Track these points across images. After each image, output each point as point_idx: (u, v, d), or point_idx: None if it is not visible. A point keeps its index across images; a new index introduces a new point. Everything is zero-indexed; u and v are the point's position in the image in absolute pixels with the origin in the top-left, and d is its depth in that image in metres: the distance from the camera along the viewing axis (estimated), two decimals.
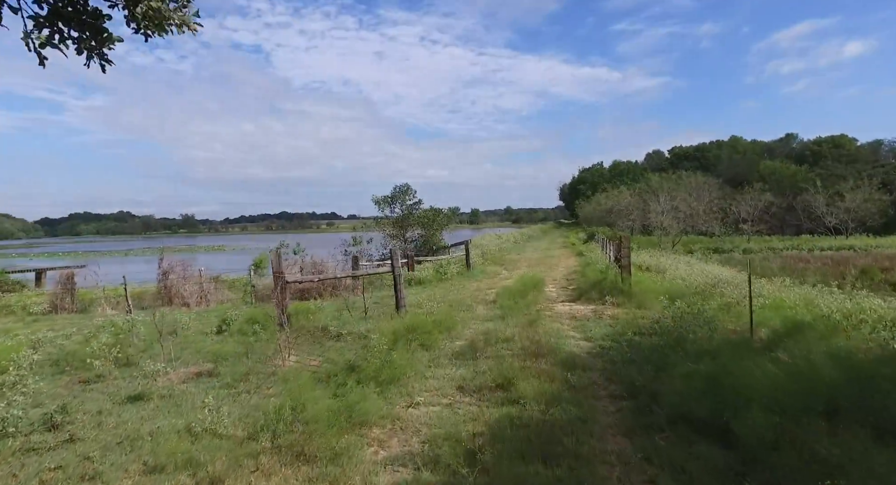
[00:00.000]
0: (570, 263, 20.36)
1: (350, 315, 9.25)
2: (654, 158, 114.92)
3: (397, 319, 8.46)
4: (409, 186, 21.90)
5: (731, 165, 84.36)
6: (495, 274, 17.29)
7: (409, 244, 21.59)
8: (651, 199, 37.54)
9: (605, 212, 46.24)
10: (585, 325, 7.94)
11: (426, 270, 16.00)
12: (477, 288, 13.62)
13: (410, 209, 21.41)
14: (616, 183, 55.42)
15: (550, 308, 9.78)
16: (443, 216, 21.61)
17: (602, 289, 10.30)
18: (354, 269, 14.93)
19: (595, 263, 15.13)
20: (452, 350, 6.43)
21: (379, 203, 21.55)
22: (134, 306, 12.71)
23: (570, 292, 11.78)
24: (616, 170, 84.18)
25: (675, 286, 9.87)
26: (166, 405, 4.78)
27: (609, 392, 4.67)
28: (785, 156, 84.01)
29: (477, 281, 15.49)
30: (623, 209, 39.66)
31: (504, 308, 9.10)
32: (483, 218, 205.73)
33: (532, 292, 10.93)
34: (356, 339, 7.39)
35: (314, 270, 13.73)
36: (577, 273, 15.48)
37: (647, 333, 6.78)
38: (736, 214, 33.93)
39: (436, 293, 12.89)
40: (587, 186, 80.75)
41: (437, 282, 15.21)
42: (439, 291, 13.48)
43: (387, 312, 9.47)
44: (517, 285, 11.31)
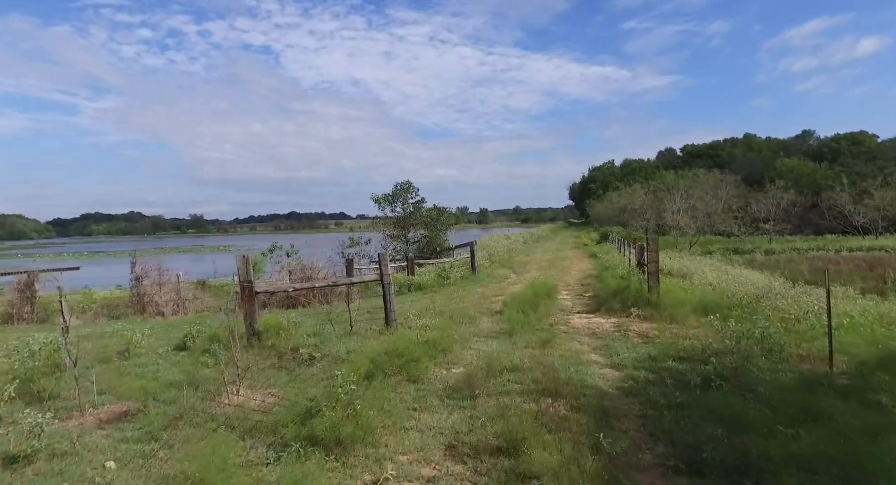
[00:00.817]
0: (584, 265, 18.96)
1: (333, 330, 7.97)
2: (666, 156, 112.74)
3: (385, 337, 7.18)
4: (411, 184, 20.64)
5: (746, 162, 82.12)
6: (503, 278, 15.95)
7: (412, 245, 20.32)
8: (666, 197, 35.96)
9: (617, 211, 44.64)
10: (610, 346, 6.59)
11: (428, 274, 14.72)
12: (482, 294, 12.30)
13: (413, 208, 20.11)
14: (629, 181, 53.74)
15: (566, 321, 8.44)
16: (447, 216, 20.30)
17: (625, 299, 8.93)
18: (349, 273, 13.68)
19: (613, 266, 13.73)
20: (446, 383, 5.12)
21: (379, 202, 20.25)
22: (104, 315, 11.55)
23: (588, 301, 10.41)
24: (628, 168, 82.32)
25: (710, 296, 8.48)
26: (51, 472, 3.52)
27: (659, 460, 3.32)
28: (802, 153, 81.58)
29: (482, 286, 14.16)
30: (637, 208, 38.08)
31: (512, 322, 7.77)
32: (492, 218, 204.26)
33: (544, 301, 9.59)
34: (331, 363, 6.11)
35: (302, 275, 12.50)
36: (593, 278, 14.09)
37: (689, 359, 5.42)
38: (756, 212, 32.23)
39: (436, 301, 11.60)
40: (598, 185, 79.02)
41: (438, 287, 13.92)
42: (440, 298, 12.19)
43: (377, 327, 8.19)
44: (527, 293, 9.98)
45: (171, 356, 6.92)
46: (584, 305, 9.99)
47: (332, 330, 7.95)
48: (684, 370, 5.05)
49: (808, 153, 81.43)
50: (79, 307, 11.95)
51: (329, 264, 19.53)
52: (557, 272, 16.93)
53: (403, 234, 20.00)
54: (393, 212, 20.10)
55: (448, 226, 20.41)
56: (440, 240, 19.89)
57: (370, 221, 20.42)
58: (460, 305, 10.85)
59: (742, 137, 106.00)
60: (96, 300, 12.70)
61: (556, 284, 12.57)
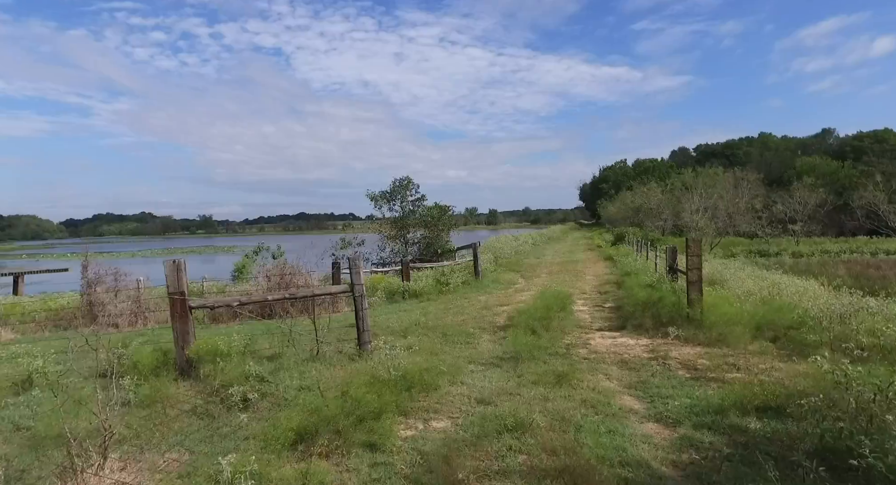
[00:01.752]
0: (600, 269, 17.24)
1: (295, 353, 6.41)
2: (680, 156, 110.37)
3: (356, 366, 5.61)
4: (410, 180, 18.92)
5: (763, 162, 79.64)
6: (509, 284, 14.31)
7: (411, 247, 18.74)
8: (684, 196, 34.07)
9: (632, 211, 42.71)
10: (648, 382, 4.93)
11: (425, 280, 13.13)
12: (485, 304, 10.69)
13: (412, 206, 18.50)
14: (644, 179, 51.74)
15: (585, 342, 6.79)
16: (449, 215, 18.68)
17: (658, 313, 7.26)
18: (335, 278, 12.13)
19: (635, 272, 12.02)
20: (416, 454, 3.49)
21: (375, 199, 18.64)
22: (50, 326, 10.11)
23: (610, 315, 8.75)
24: (641, 167, 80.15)
25: (765, 311, 6.77)
26: None
27: None
28: (822, 152, 78.86)
29: (486, 293, 12.54)
30: (653, 208, 36.17)
31: (518, 344, 6.13)
32: (501, 219, 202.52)
33: (557, 315, 7.95)
34: (271, 408, 4.54)
35: (281, 282, 10.97)
36: (613, 285, 12.40)
37: (777, 412, 3.76)
38: (781, 212, 30.22)
39: (430, 312, 10.01)
40: (610, 185, 76.95)
41: (436, 295, 12.32)
42: (436, 308, 10.60)
43: (351, 347, 6.62)
44: (537, 304, 8.34)
45: (80, 388, 5.39)
46: (606, 320, 8.32)
47: (294, 353, 6.39)
48: (778, 434, 3.39)
49: (829, 152, 78.70)
50: (29, 316, 10.53)
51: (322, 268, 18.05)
52: (570, 277, 15.26)
53: (402, 234, 18.43)
54: (391, 211, 18.58)
55: (450, 226, 18.79)
56: (442, 241, 18.29)
57: (372, 222, 18.89)
58: (458, 317, 9.24)
59: (758, 136, 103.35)
60: (51, 308, 11.27)
61: (570, 293, 10.93)
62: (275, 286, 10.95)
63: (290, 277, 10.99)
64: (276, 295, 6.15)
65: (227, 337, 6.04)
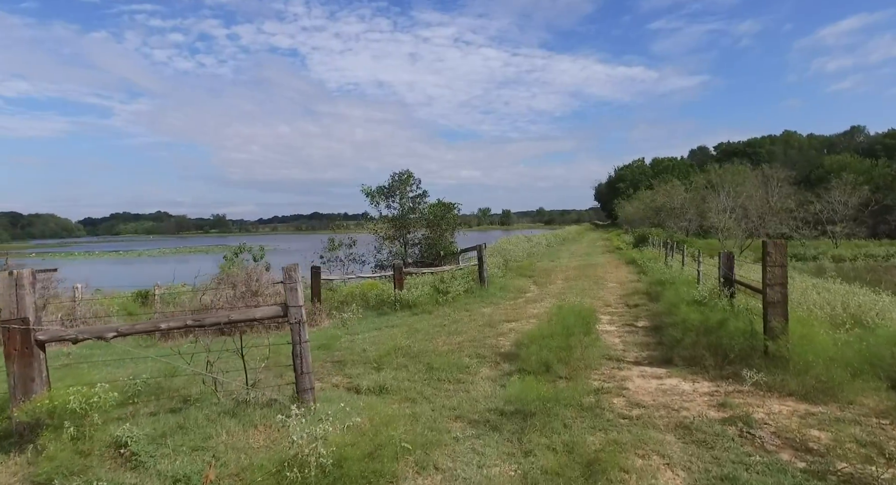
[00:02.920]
0: (623, 275, 15.21)
1: (217, 398, 4.58)
2: (699, 155, 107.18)
3: (277, 434, 3.77)
4: (411, 174, 16.91)
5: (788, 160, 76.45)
6: (520, 292, 12.38)
7: (412, 249, 16.88)
8: (709, 195, 31.75)
9: (652, 211, 40.33)
10: (739, 480, 3.00)
11: (421, 287, 11.26)
12: (489, 320, 8.80)
13: (412, 204, 16.57)
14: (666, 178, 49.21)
15: (621, 385, 4.87)
16: (453, 214, 16.74)
17: (719, 344, 5.29)
18: (314, 288, 10.33)
19: (672, 281, 10.00)
20: None
21: (372, 196, 16.75)
22: None
23: (646, 339, 6.78)
24: (659, 166, 77.38)
25: (875, 343, 4.77)
26: None
27: None
28: (851, 150, 75.29)
29: (492, 304, 10.65)
30: (676, 208, 33.85)
31: (526, 394, 4.22)
32: (514, 219, 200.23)
33: (578, 340, 6.02)
34: None
35: (247, 290, 9.19)
36: (643, 296, 10.40)
37: None
38: (819, 213, 27.73)
39: (420, 330, 8.16)
40: (627, 184, 74.35)
41: (433, 306, 10.45)
42: (429, 324, 8.74)
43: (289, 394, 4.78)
44: (553, 327, 6.42)
45: None
46: (643, 347, 6.37)
47: (217, 400, 4.56)
48: None
49: (858, 150, 75.09)
50: None
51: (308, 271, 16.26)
52: (590, 284, 13.27)
53: (402, 234, 16.57)
54: (389, 208, 16.68)
55: (455, 225, 16.86)
56: (445, 242, 16.40)
57: (367, 221, 17.01)
58: (453, 339, 7.35)
59: (781, 134, 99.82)
60: None
61: (592, 306, 8.97)
62: (240, 295, 9.17)
63: (257, 285, 9.21)
64: (175, 322, 4.31)
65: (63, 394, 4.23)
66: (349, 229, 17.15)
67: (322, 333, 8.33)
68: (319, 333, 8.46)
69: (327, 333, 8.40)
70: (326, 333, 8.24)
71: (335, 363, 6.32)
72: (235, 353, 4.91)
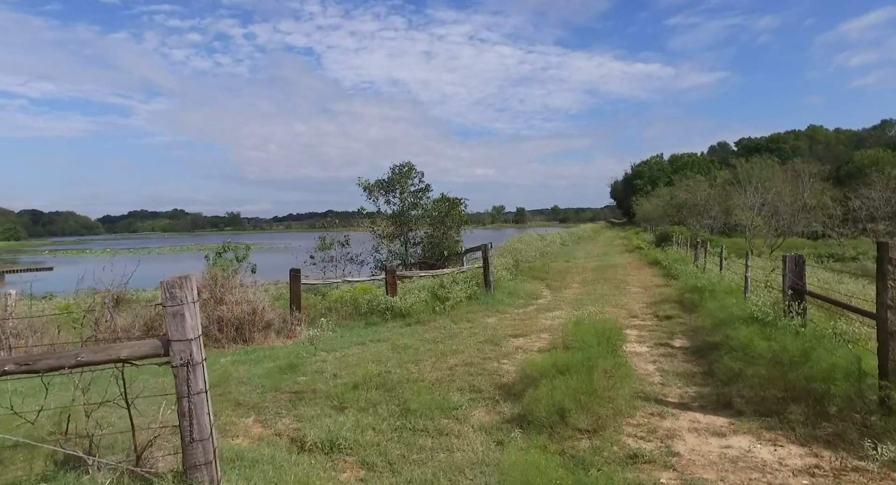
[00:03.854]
0: (647, 278, 13.66)
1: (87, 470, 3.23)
2: (719, 151, 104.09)
3: None
4: (412, 166, 15.32)
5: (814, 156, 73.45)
6: (531, 297, 10.95)
7: (414, 248, 15.50)
8: (735, 191, 29.84)
9: (673, 208, 38.39)
10: None
11: (418, 293, 9.89)
12: (492, 334, 7.39)
13: (413, 199, 15.11)
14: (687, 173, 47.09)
15: (666, 447, 3.43)
16: (459, 210, 15.29)
17: (809, 389, 3.81)
18: (293, 294, 9.01)
19: (712, 288, 8.44)
20: None
21: (369, 190, 15.19)
22: None
23: (688, 365, 5.31)
24: (678, 162, 74.86)
25: None
26: None
27: None
28: (882, 145, 71.95)
29: (497, 313, 9.24)
30: (700, 204, 31.94)
31: (531, 472, 2.81)
32: (529, 217, 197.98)
33: (602, 369, 4.58)
34: None
35: (212, 297, 7.89)
36: (675, 304, 8.89)
37: None
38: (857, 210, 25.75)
39: (408, 348, 6.79)
40: (645, 181, 72.00)
41: (429, 315, 9.07)
42: (420, 339, 7.36)
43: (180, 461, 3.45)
44: (571, 355, 4.97)
45: None
46: (687, 379, 4.90)
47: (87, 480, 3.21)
48: None
49: (890, 145, 71.69)
50: None
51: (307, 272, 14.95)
52: (610, 289, 11.78)
53: (403, 232, 15.20)
54: (389, 204, 15.26)
55: (461, 223, 15.42)
56: (450, 241, 14.99)
57: (362, 217, 15.54)
58: (445, 361, 5.97)
59: (806, 129, 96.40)
60: None
61: (616, 320, 7.50)
62: (207, 301, 7.87)
63: (221, 292, 7.90)
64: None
65: None
66: (351, 227, 15.72)
67: (292, 350, 7.01)
68: (290, 350, 7.16)
69: (300, 349, 7.08)
70: (298, 350, 6.92)
71: (291, 396, 4.97)
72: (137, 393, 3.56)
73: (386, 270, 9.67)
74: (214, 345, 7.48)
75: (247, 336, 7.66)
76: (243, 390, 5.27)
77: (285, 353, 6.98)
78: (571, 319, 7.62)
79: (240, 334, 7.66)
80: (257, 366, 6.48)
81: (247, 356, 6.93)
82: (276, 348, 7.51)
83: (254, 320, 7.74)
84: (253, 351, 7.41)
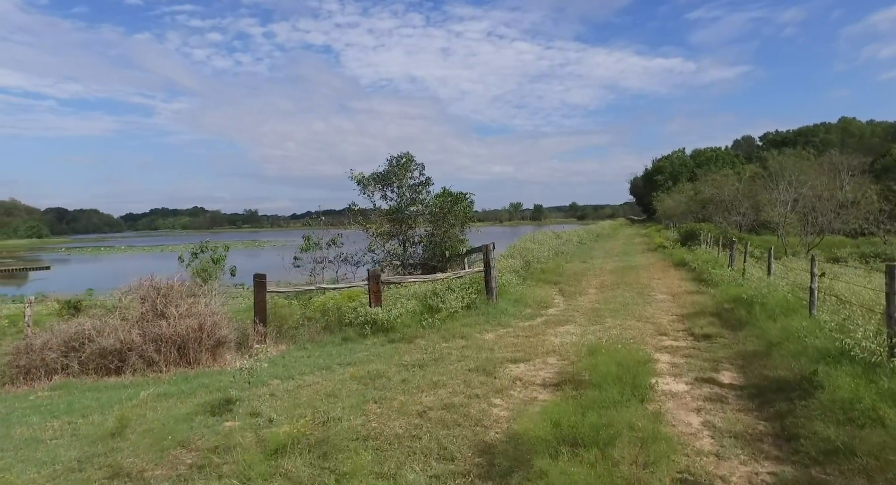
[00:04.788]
0: (674, 282, 12.03)
1: None
2: (744, 145, 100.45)
3: None
4: (411, 158, 13.70)
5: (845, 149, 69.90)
6: (540, 306, 9.45)
7: (414, 247, 14.09)
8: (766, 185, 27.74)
9: (698, 204, 36.26)
10: None
11: (405, 302, 8.47)
12: (486, 359, 5.93)
13: (411, 194, 13.61)
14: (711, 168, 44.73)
15: None
16: (464, 205, 13.76)
17: None
18: (258, 303, 7.67)
19: (762, 301, 6.82)
20: None
21: (363, 184, 13.42)
22: None
23: (745, 417, 3.79)
24: (701, 157, 71.97)
25: None
26: None
27: None
28: None
29: (499, 327, 7.78)
30: (728, 200, 29.86)
31: None
32: (547, 214, 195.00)
33: (628, 438, 3.10)
34: None
35: (153, 309, 6.60)
36: (714, 318, 7.30)
37: None
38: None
39: (380, 377, 5.39)
40: (666, 176, 69.34)
41: (417, 329, 7.66)
42: (397, 364, 5.96)
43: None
44: (583, 382, 3.51)
45: None
46: (752, 446, 3.40)
47: None
48: None
49: None
50: None
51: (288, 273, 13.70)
52: (633, 296, 10.19)
53: (402, 230, 13.80)
54: (385, 199, 13.79)
55: (465, 220, 13.93)
56: (453, 240, 13.54)
57: (354, 212, 14.06)
58: (415, 403, 4.54)
59: (838, 121, 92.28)
60: None
61: (641, 340, 5.99)
62: (142, 315, 6.59)
63: (163, 302, 6.60)
64: None
65: None
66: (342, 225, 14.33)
67: (237, 377, 5.64)
68: (235, 376, 5.79)
69: (247, 375, 5.74)
70: (242, 377, 5.56)
71: (195, 460, 3.62)
72: None
73: (369, 275, 8.28)
74: (150, 370, 6.19)
75: (191, 357, 6.35)
76: (142, 444, 3.94)
77: (223, 381, 5.65)
78: (585, 341, 6.12)
79: (182, 356, 6.36)
80: (185, 401, 5.15)
81: (180, 386, 5.61)
82: (223, 373, 6.19)
83: (200, 338, 6.43)
84: (195, 377, 6.09)
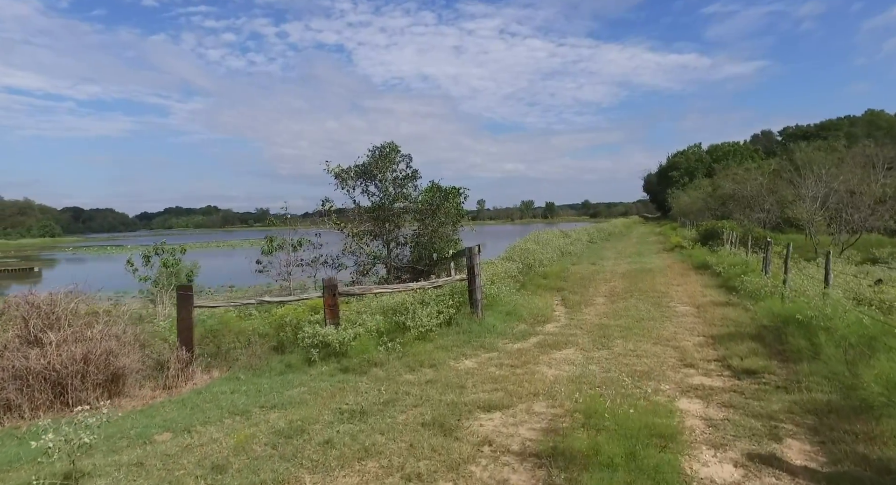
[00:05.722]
0: (696, 289, 10.33)
1: None
2: (763, 140, 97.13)
3: None
4: (396, 148, 12.02)
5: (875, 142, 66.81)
6: (537, 322, 7.85)
7: (400, 248, 12.57)
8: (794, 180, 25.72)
9: (716, 201, 34.20)
10: None
11: (369, 319, 6.95)
12: (452, 403, 4.37)
13: (395, 188, 12.05)
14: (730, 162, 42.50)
15: None
16: (455, 202, 12.17)
17: None
18: (182, 320, 6.20)
19: (825, 321, 5.16)
20: None
21: (342, 178, 11.74)
22: None
23: None
24: (718, 152, 69.34)
25: None
26: None
27: None
28: None
29: (482, 350, 6.21)
30: (750, 196, 27.84)
31: None
32: (559, 212, 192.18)
33: None
34: None
35: (25, 331, 5.17)
36: (756, 342, 5.65)
37: None
38: None
39: (299, 432, 3.82)
40: (681, 173, 66.94)
41: (380, 354, 6.12)
42: (333, 411, 4.41)
43: None
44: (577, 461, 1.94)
45: None
46: None
47: None
48: None
49: None
50: None
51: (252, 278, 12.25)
52: (649, 307, 8.54)
53: (386, 230, 12.28)
54: (366, 194, 12.21)
55: (457, 218, 12.34)
56: (443, 241, 11.99)
57: (327, 208, 12.45)
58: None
59: (864, 114, 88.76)
60: None
61: (661, 378, 4.40)
62: (9, 341, 5.14)
63: (41, 324, 5.14)
64: None
65: None
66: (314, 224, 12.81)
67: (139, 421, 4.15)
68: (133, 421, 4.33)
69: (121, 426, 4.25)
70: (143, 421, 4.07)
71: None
72: None
73: (324, 287, 6.75)
74: (9, 417, 4.73)
75: (72, 399, 4.88)
76: None
77: (108, 433, 4.19)
78: (587, 375, 4.53)
79: (60, 397, 4.89)
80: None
81: (22, 447, 4.17)
82: (110, 422, 4.75)
83: (86, 372, 4.96)
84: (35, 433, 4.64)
